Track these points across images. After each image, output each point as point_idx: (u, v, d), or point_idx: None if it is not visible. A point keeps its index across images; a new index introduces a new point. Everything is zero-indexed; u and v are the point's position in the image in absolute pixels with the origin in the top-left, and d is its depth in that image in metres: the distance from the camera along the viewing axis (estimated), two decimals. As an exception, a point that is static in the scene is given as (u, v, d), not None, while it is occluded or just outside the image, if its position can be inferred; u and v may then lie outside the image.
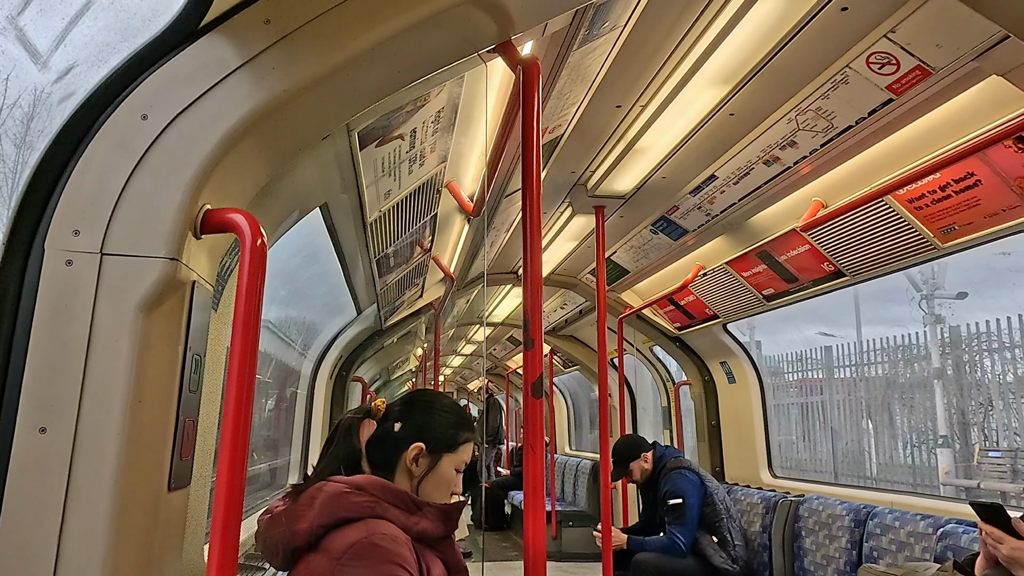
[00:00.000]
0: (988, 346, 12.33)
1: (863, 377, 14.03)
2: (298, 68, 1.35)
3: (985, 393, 12.51)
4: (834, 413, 14.31)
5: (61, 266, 1.21)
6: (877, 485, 11.84)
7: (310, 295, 4.66)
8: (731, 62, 2.47)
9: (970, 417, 12.62)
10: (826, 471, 13.68)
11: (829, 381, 14.56)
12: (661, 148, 3.19)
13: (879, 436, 13.81)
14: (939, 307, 15.59)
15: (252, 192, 1.53)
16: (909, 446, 13.25)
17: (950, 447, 12.61)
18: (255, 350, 1.24)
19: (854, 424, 14.13)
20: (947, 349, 13.26)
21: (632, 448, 4.55)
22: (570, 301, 7.01)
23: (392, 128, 2.09)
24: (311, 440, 5.70)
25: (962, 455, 12.41)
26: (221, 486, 1.18)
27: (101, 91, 1.27)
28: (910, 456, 13.08)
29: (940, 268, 15.65)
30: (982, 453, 12.02)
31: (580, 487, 8.55)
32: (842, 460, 13.95)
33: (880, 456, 13.68)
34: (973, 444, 12.36)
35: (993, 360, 12.19)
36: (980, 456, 12.00)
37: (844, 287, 3.91)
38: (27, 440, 1.15)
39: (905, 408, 13.51)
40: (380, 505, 1.53)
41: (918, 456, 12.98)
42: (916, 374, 13.37)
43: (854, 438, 14.08)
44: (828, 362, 14.63)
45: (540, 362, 1.56)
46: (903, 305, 15.81)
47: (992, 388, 12.41)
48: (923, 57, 2.23)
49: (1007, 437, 11.79)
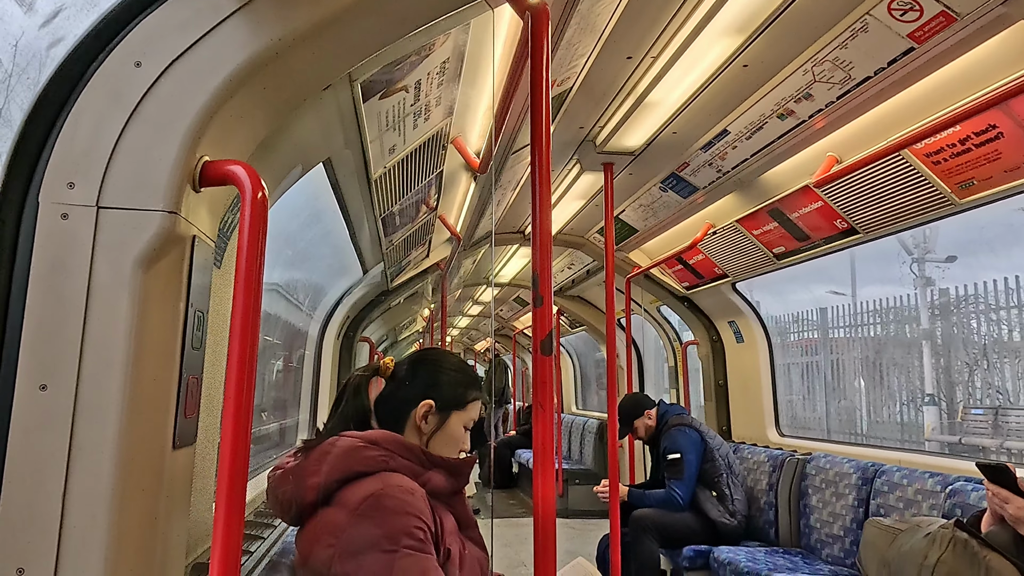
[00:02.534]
0: (975, 308, 12.82)
1: (857, 338, 14.35)
2: (296, 13, 1.29)
3: (971, 353, 12.90)
4: (828, 373, 14.54)
5: (57, 220, 1.17)
6: (867, 442, 12.19)
7: (315, 255, 4.63)
8: (745, 10, 2.38)
9: (955, 376, 13.05)
10: (819, 428, 14.04)
11: (824, 342, 14.82)
12: (672, 102, 3.10)
13: (871, 395, 14.14)
14: (929, 270, 16.24)
15: (252, 145, 1.48)
16: (898, 404, 13.64)
17: (936, 405, 13.05)
18: (258, 306, 1.21)
19: (848, 384, 14.45)
20: (936, 311, 13.72)
21: (636, 406, 4.68)
22: (577, 261, 6.95)
23: (396, 80, 2.02)
24: (319, 400, 5.73)
25: (949, 412, 12.84)
26: (226, 443, 1.16)
27: (92, 37, 1.21)
28: (898, 414, 13.48)
29: (932, 232, 16.01)
30: (966, 411, 12.45)
31: (587, 446, 8.63)
32: (835, 418, 14.29)
33: (872, 414, 14.04)
34: (958, 402, 12.80)
35: (979, 321, 12.76)
36: (964, 413, 12.42)
37: (857, 244, 3.85)
38: (28, 398, 1.13)
39: (896, 368, 13.87)
40: (394, 459, 1.53)
41: (906, 414, 13.40)
42: (906, 335, 13.82)
43: (848, 397, 14.37)
44: (824, 323, 14.87)
45: (549, 319, 1.53)
46: (897, 267, 16.42)
47: (977, 349, 12.86)
48: (948, 2, 2.14)
49: (989, 395, 12.22)
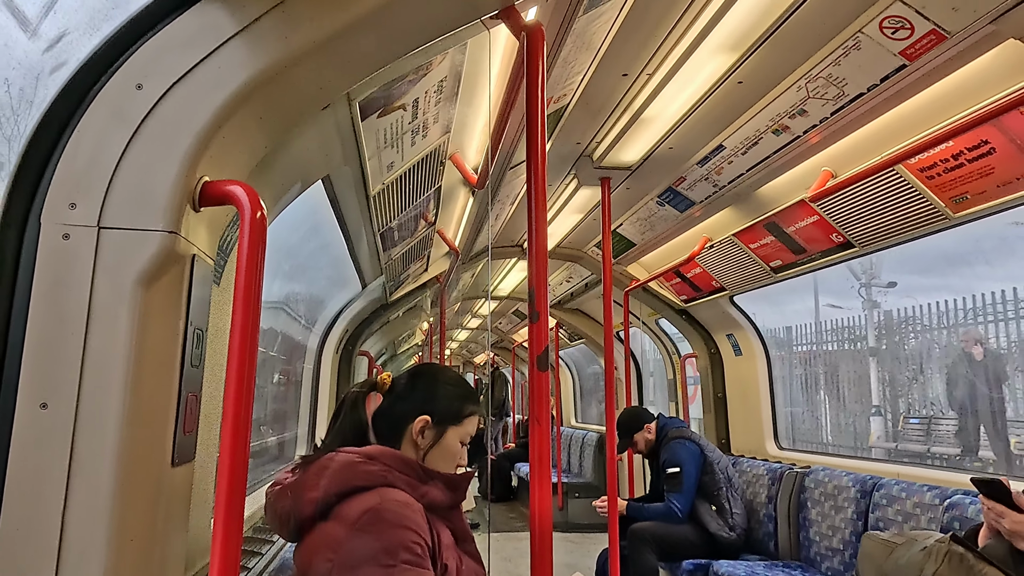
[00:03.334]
0: (914, 328, 14.40)
1: (819, 354, 16.02)
2: (296, 34, 1.32)
3: (910, 368, 14.53)
4: (794, 385, 16.10)
5: (58, 240, 1.19)
6: (826, 449, 13.47)
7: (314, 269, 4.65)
8: (739, 28, 2.41)
9: (898, 390, 14.56)
10: (786, 437, 15.75)
11: (789, 357, 16.28)
12: (668, 117, 3.14)
13: (830, 406, 15.68)
14: (875, 294, 18.16)
15: (251, 164, 1.50)
16: (851, 415, 15.13)
17: (881, 415, 14.50)
18: (256, 324, 1.22)
19: (810, 396, 16.00)
20: (881, 331, 15.37)
21: (635, 420, 4.69)
22: (575, 274, 6.97)
23: (394, 98, 2.04)
24: (318, 414, 5.73)
25: (893, 422, 14.30)
26: (224, 459, 1.17)
27: (94, 60, 1.23)
28: (851, 424, 15.02)
29: (877, 259, 17.84)
30: (905, 420, 13.97)
31: (586, 459, 8.61)
32: (799, 427, 15.75)
33: (832, 424, 15.55)
34: (900, 413, 14.33)
35: (918, 341, 14.36)
36: (903, 423, 13.93)
37: (853, 258, 3.87)
38: (28, 416, 1.14)
39: (849, 382, 15.47)
40: (391, 474, 1.54)
41: (859, 423, 14.91)
42: (858, 351, 15.44)
43: (809, 409, 15.98)
44: (788, 340, 16.49)
45: (546, 335, 1.54)
46: (849, 291, 18.42)
47: (915, 365, 14.42)
48: (938, 21, 2.17)
49: (925, 407, 13.70)
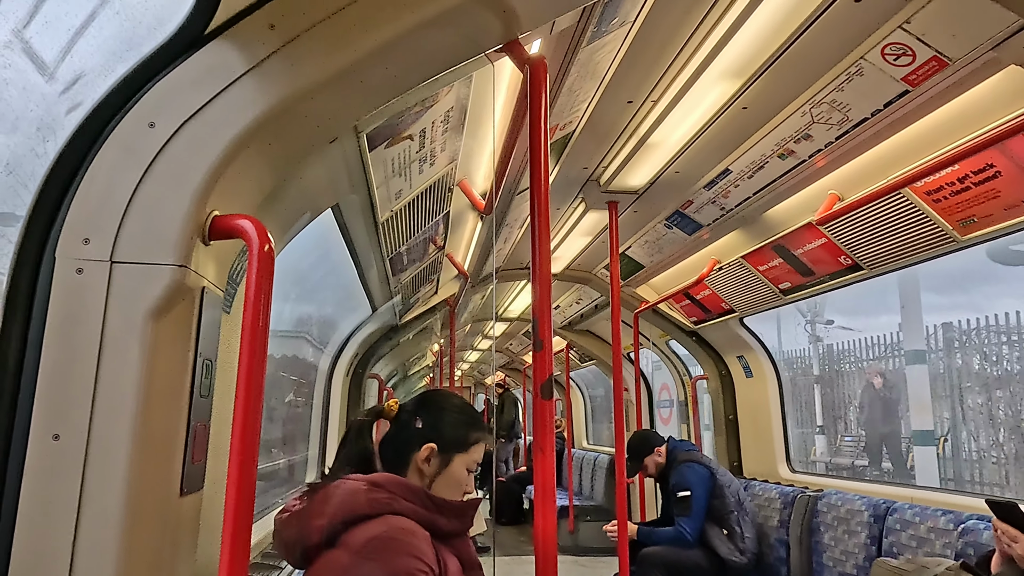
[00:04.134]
0: (849, 360, 17.33)
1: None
2: (303, 72, 1.35)
3: (848, 393, 17.28)
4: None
5: (72, 274, 1.22)
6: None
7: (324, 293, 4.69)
8: (743, 56, 2.44)
9: (837, 411, 17.45)
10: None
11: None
12: (674, 143, 3.16)
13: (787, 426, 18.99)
14: (819, 330, 21.62)
15: (260, 197, 1.53)
16: (803, 433, 18.21)
17: (824, 434, 17.55)
18: (263, 355, 1.25)
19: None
20: (824, 362, 18.40)
21: (644, 443, 4.64)
22: (585, 296, 6.98)
23: (401, 129, 2.08)
24: (328, 437, 5.74)
25: (833, 440, 17.19)
26: (231, 489, 1.18)
27: (108, 100, 1.27)
28: (803, 442, 17.96)
29: (821, 300, 20.58)
30: (841, 438, 16.76)
31: (597, 482, 8.55)
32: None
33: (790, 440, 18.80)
34: (839, 433, 17.21)
35: (850, 371, 17.31)
36: (840, 440, 16.73)
37: (862, 280, 3.86)
38: (41, 447, 1.16)
39: (801, 405, 18.43)
40: (398, 502, 1.55)
41: (809, 441, 17.97)
42: (807, 379, 18.73)
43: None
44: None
45: (550, 363, 1.56)
46: (798, 326, 22.10)
47: (849, 391, 17.22)
48: (939, 48, 2.19)
49: (860, 426, 16.20)
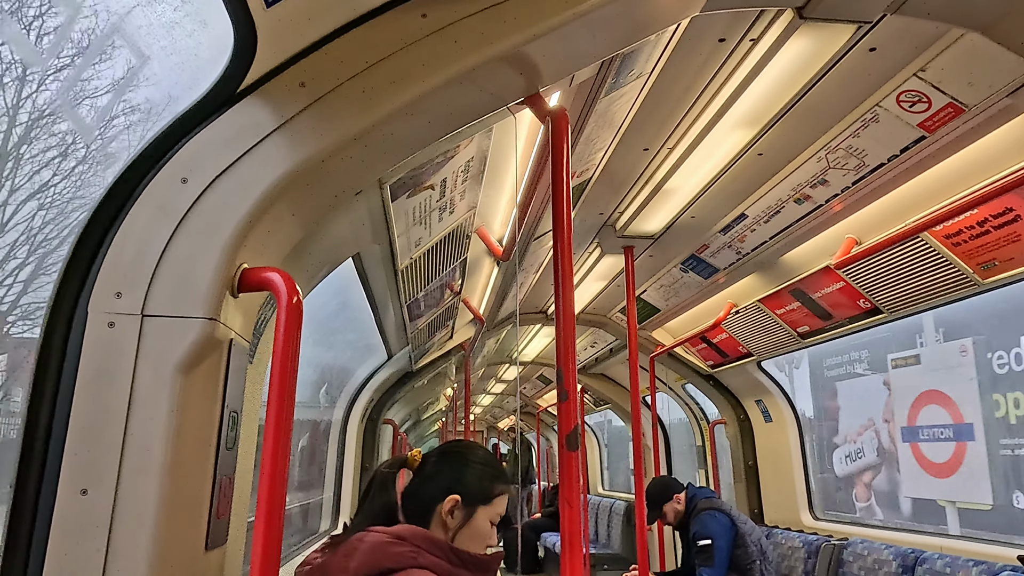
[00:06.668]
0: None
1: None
2: (332, 129, 1.38)
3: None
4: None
5: (104, 328, 1.23)
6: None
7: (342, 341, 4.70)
8: (759, 104, 2.47)
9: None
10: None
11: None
12: (690, 189, 3.18)
13: None
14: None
15: (287, 249, 1.55)
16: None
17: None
18: (291, 407, 1.25)
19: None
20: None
21: (664, 490, 4.54)
22: (600, 339, 6.95)
23: (423, 179, 2.11)
24: (343, 482, 5.70)
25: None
26: (257, 545, 1.17)
27: (143, 157, 1.31)
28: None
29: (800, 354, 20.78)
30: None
31: (614, 529, 8.38)
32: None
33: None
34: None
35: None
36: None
37: (882, 323, 3.83)
38: (69, 502, 1.16)
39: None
40: (422, 555, 1.52)
41: None
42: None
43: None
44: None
45: (575, 413, 1.55)
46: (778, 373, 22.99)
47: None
48: (955, 95, 2.21)
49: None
